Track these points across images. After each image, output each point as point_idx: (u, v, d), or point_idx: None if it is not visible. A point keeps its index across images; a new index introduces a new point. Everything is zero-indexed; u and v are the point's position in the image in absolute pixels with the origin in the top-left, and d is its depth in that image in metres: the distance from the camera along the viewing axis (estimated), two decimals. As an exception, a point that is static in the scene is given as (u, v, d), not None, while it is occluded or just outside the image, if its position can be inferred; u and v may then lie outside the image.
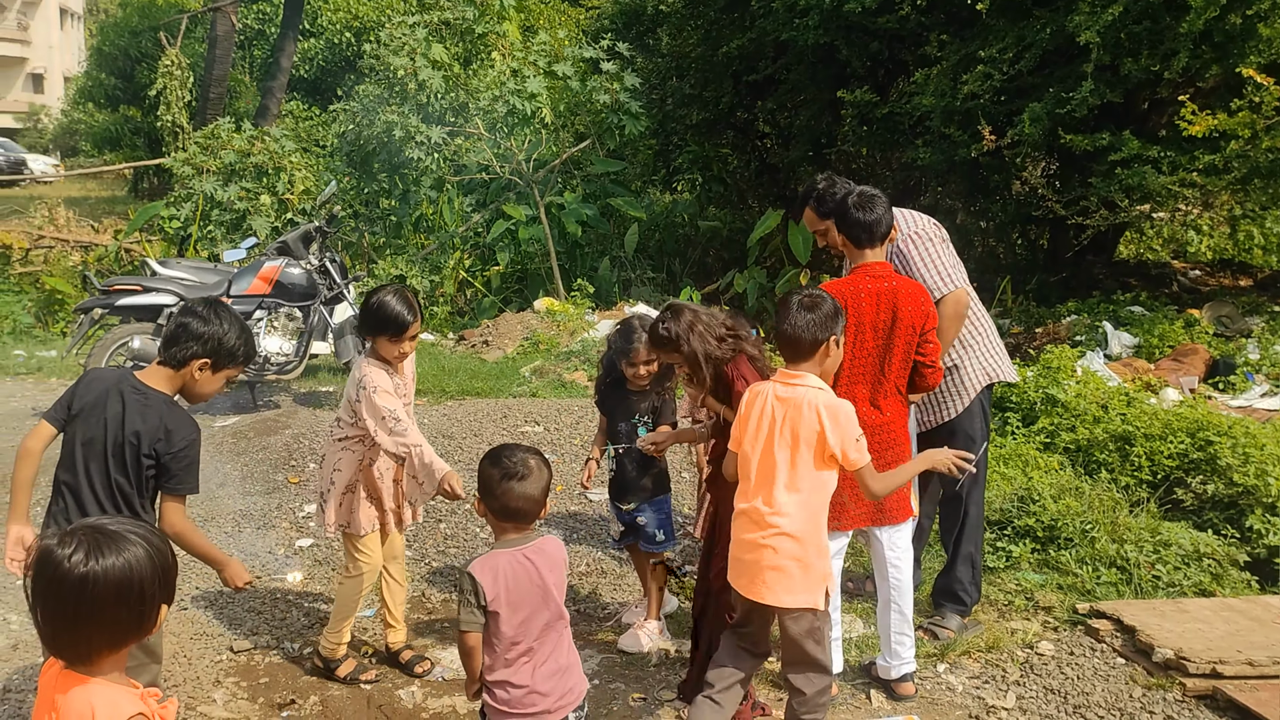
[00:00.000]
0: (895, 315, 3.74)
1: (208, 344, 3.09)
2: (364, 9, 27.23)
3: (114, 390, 3.07)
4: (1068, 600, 4.65)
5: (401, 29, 11.78)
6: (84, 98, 31.59)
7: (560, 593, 2.85)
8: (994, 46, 9.24)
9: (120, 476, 3.04)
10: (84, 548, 1.80)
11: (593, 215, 12.61)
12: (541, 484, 2.83)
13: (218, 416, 7.75)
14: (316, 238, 8.26)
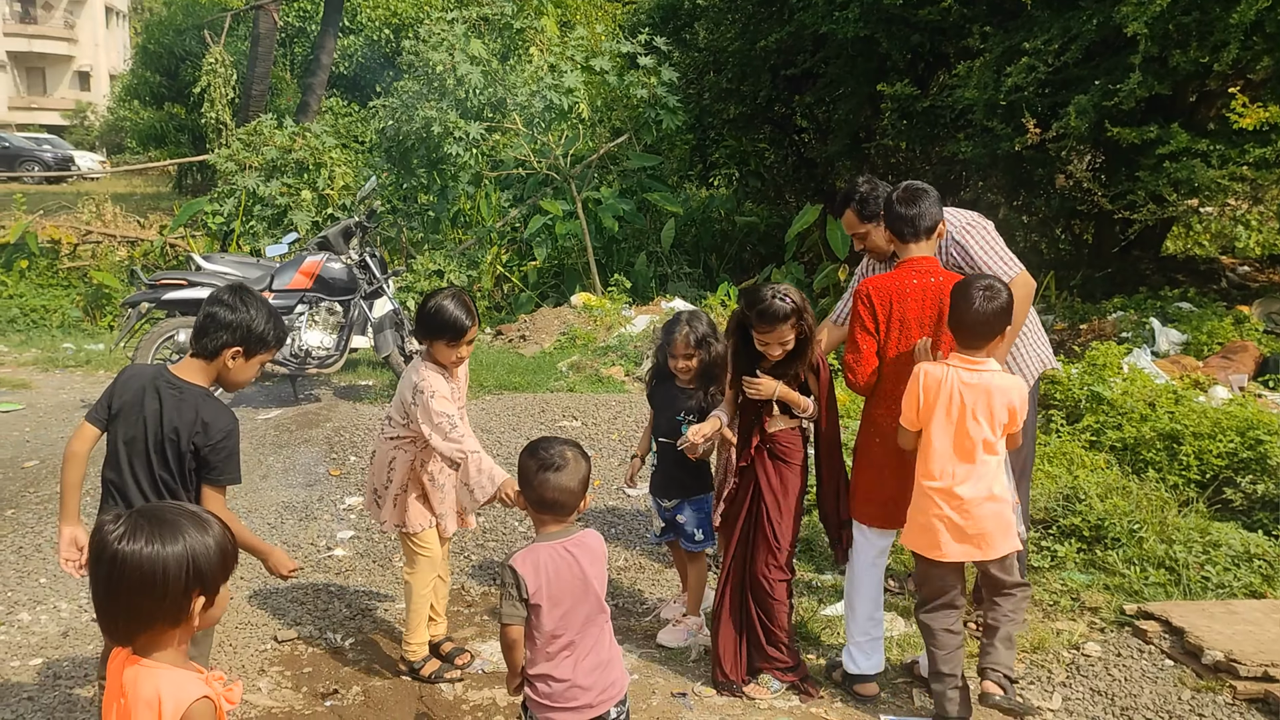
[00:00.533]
0: (941, 311, 3.68)
1: (237, 332, 3.11)
2: (403, 6, 27.36)
3: (150, 387, 3.09)
4: (1115, 601, 4.58)
5: (440, 25, 11.82)
6: (129, 95, 32.01)
7: (601, 586, 2.85)
8: (1039, 38, 9.10)
9: (164, 472, 3.08)
10: (125, 528, 1.87)
11: (629, 210, 12.60)
12: (579, 476, 2.83)
13: (260, 409, 7.83)
14: (356, 233, 8.31)
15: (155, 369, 3.20)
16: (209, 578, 1.92)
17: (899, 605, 4.64)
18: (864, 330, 3.72)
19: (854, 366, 3.75)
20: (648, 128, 11.71)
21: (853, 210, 4.28)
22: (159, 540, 1.87)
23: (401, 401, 3.97)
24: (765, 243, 14.32)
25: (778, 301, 3.65)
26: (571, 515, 2.86)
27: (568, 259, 12.64)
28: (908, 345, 3.71)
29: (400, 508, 4.04)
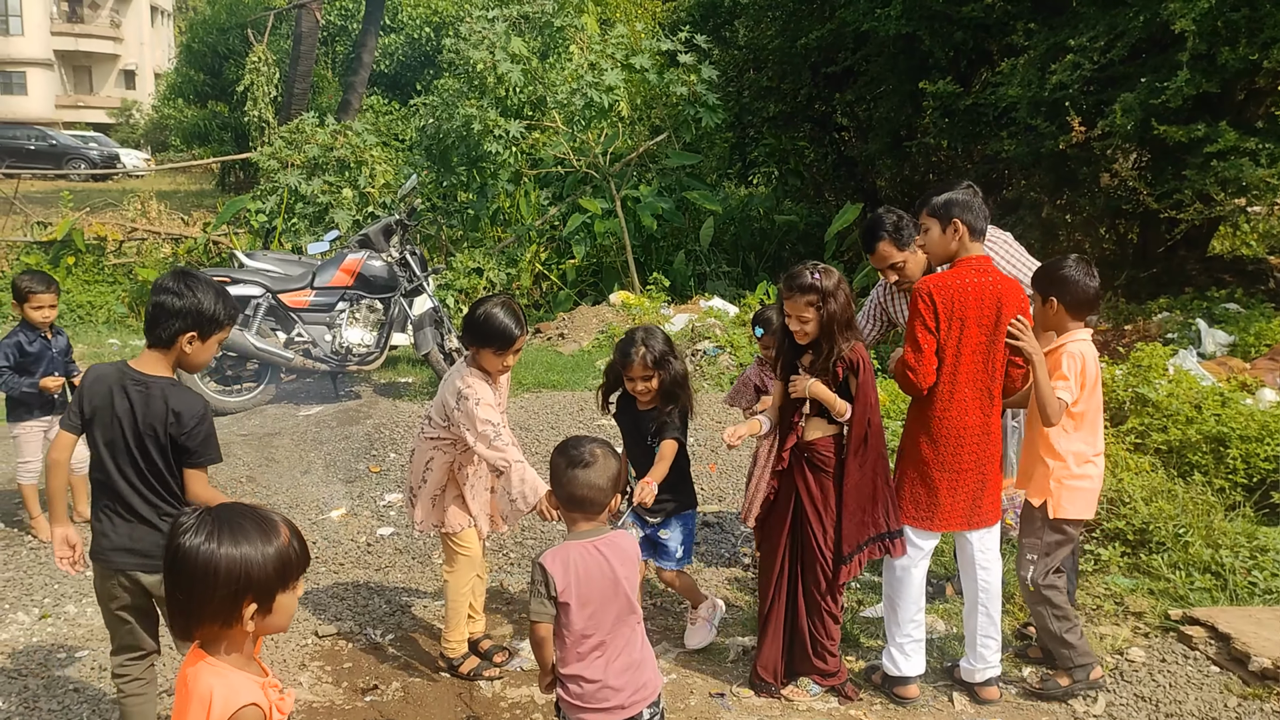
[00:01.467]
0: (1000, 311, 3.66)
1: (188, 317, 3.13)
2: (443, 4, 27.53)
3: (117, 387, 3.14)
4: (1159, 606, 4.51)
5: (481, 23, 11.87)
6: (174, 94, 32.48)
7: (632, 586, 2.84)
8: (1084, 35, 9.00)
9: (148, 465, 3.15)
10: (194, 523, 1.93)
11: (668, 209, 12.58)
12: (608, 473, 2.82)
13: (301, 406, 7.91)
14: (397, 231, 8.37)
15: (118, 367, 3.21)
16: (262, 586, 1.93)
17: (939, 608, 4.60)
18: (925, 329, 3.67)
19: (915, 366, 3.68)
20: (687, 126, 11.70)
21: (889, 241, 4.25)
22: (217, 540, 1.90)
23: (443, 404, 3.96)
24: (805, 241, 14.24)
25: (806, 273, 3.65)
26: (602, 514, 2.86)
27: (606, 257, 12.65)
28: (969, 348, 3.68)
29: (439, 508, 4.06)
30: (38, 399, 5.39)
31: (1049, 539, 3.88)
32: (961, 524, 3.81)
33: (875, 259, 4.37)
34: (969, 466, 3.73)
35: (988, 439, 3.76)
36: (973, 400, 3.72)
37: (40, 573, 4.95)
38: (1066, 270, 3.81)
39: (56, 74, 49.06)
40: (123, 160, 33.33)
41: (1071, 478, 3.83)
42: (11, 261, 13.39)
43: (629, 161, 12.44)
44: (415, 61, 27.55)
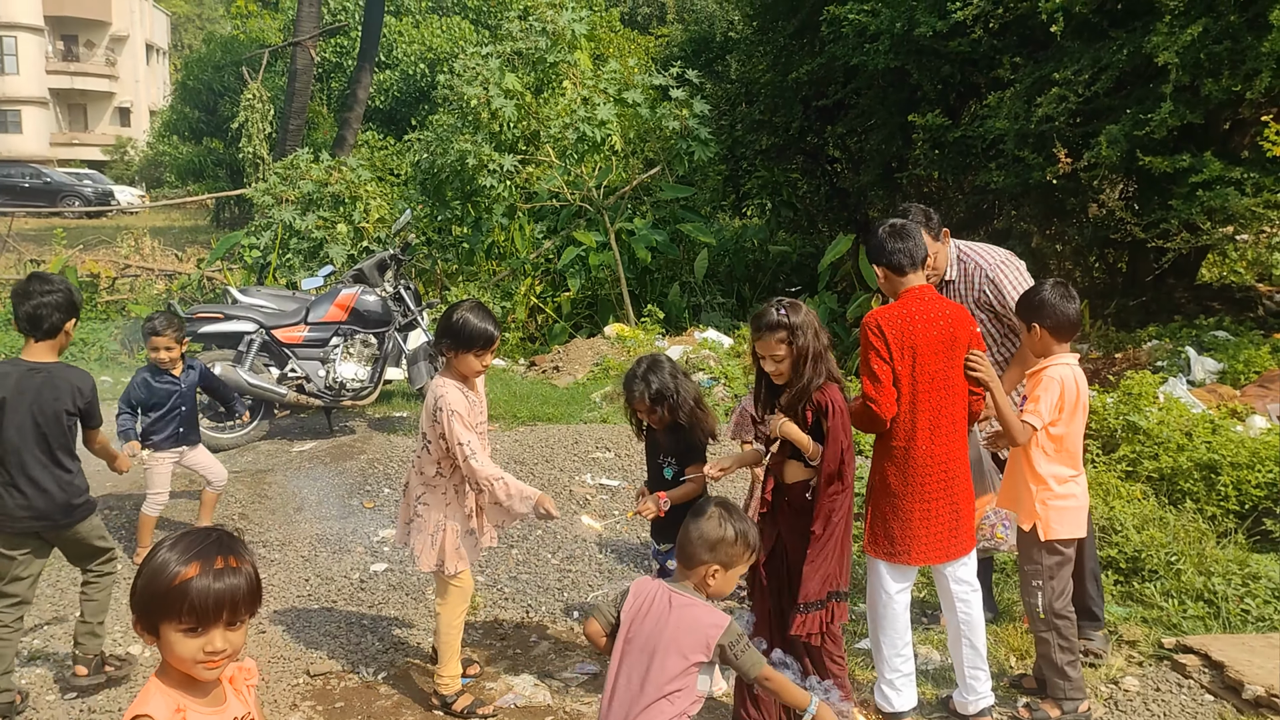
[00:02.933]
0: (954, 336, 3.69)
1: (64, 307, 3.85)
2: (437, 40, 27.76)
3: (20, 379, 3.80)
4: (1153, 634, 4.52)
5: (475, 59, 11.99)
6: (169, 130, 32.67)
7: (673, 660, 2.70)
8: (1069, 68, 9.12)
9: (52, 437, 3.83)
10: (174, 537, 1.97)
11: (663, 241, 12.66)
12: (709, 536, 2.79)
13: (295, 442, 7.91)
14: (391, 265, 8.41)
15: (13, 363, 3.86)
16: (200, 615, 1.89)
17: (932, 638, 4.60)
18: (880, 359, 3.66)
19: (876, 397, 3.64)
20: (680, 159, 11.79)
21: (925, 232, 4.20)
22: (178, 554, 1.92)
23: (429, 415, 3.98)
24: (799, 272, 14.32)
25: (772, 311, 3.56)
26: (694, 571, 2.79)
27: (601, 290, 12.70)
28: (922, 374, 3.68)
29: (438, 548, 4.04)
30: (168, 432, 5.61)
31: (1048, 561, 3.91)
32: (939, 556, 3.79)
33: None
34: (938, 495, 3.73)
35: (953, 466, 3.75)
36: (934, 428, 3.71)
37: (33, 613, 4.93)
38: (1045, 295, 3.88)
39: (51, 112, 49.34)
40: (117, 197, 33.45)
41: (1056, 498, 3.90)
42: (4, 300, 13.42)
43: (623, 195, 12.52)
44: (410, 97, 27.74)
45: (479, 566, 5.46)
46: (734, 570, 2.80)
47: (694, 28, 21.97)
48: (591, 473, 6.77)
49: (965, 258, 4.51)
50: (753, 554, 2.85)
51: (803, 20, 14.03)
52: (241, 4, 34.60)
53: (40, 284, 3.82)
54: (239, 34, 33.18)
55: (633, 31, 32.95)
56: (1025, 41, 10.20)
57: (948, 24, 10.03)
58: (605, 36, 30.93)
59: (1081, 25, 9.28)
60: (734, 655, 2.70)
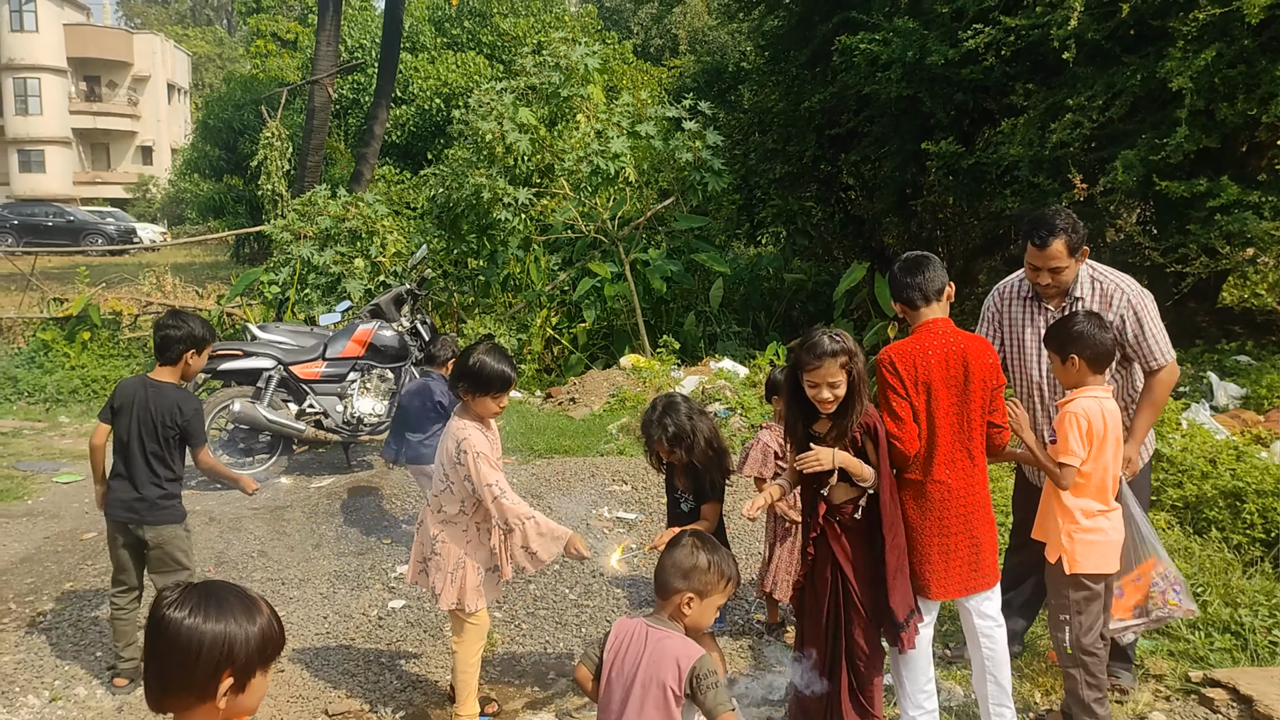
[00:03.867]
0: (967, 370, 3.65)
1: (187, 341, 4.51)
2: (453, 76, 28.01)
3: (139, 390, 4.50)
4: (1179, 668, 4.45)
5: (489, 94, 12.07)
6: (190, 168, 33.01)
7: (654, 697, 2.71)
8: (1083, 94, 9.10)
9: (153, 443, 4.48)
10: (179, 596, 1.94)
11: (677, 271, 12.67)
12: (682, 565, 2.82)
13: (314, 477, 7.92)
14: (408, 300, 8.46)
15: (141, 378, 4.58)
16: (243, 662, 1.93)
17: (956, 675, 4.54)
18: (897, 396, 3.65)
19: (899, 433, 3.63)
20: (693, 190, 11.82)
21: (1064, 240, 4.04)
22: (203, 614, 1.91)
23: (450, 459, 3.98)
24: (814, 300, 14.30)
25: (825, 339, 3.54)
26: (669, 600, 2.80)
27: (617, 320, 12.71)
28: (938, 408, 3.65)
29: (458, 586, 4.03)
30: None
31: (1075, 596, 3.82)
32: (959, 590, 3.75)
33: (1040, 255, 4.08)
34: (957, 529, 3.69)
35: (972, 499, 3.72)
36: (950, 462, 3.69)
37: (51, 654, 4.94)
38: (1080, 326, 3.79)
39: (75, 151, 49.99)
40: (139, 235, 33.81)
41: (1083, 531, 3.80)
42: (28, 338, 13.54)
43: (637, 226, 12.56)
44: (426, 131, 27.97)
45: (496, 603, 5.43)
46: (710, 600, 2.80)
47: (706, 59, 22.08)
48: (609, 506, 6.75)
49: (1101, 277, 4.21)
50: (729, 584, 2.83)
51: (814, 50, 14.10)
52: (261, 44, 35.10)
53: (172, 319, 4.55)
54: (258, 73, 33.60)
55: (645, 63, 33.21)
56: (1038, 68, 10.20)
57: (959, 52, 10.04)
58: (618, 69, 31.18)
59: (1094, 51, 9.27)
60: (701, 689, 2.67)
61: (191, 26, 63.97)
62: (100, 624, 5.22)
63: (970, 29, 9.79)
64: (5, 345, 13.50)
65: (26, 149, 47.90)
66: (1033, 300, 4.30)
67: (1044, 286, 4.21)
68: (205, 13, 67.69)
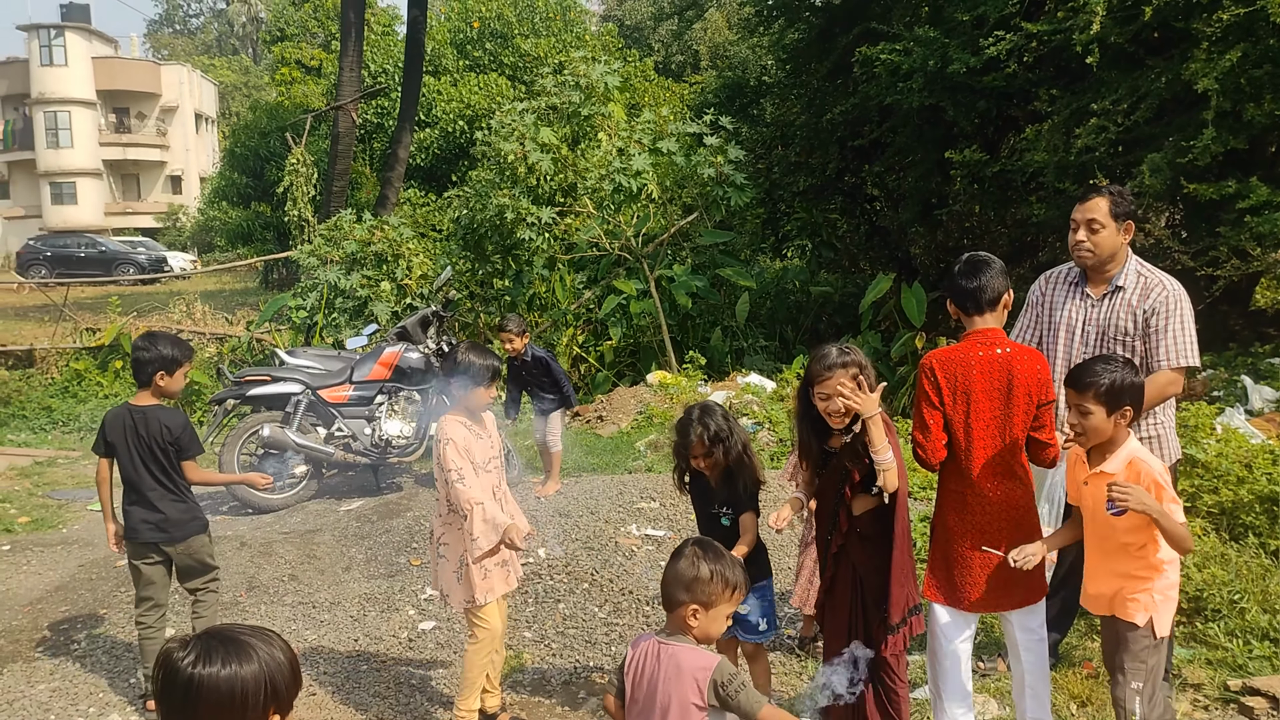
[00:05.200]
0: (1011, 382, 3.55)
1: (156, 363, 4.57)
2: (476, 98, 28.23)
3: (126, 420, 4.59)
4: (1218, 676, 4.37)
5: (511, 115, 12.14)
6: (218, 197, 33.43)
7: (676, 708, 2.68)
8: (1107, 98, 9.04)
9: (155, 466, 4.59)
10: (197, 652, 1.88)
11: (703, 286, 12.66)
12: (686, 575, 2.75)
13: (343, 500, 7.95)
14: (434, 322, 8.49)
15: (124, 407, 4.66)
16: (284, 693, 1.93)
17: (991, 687, 4.48)
18: (929, 405, 3.58)
19: (923, 443, 3.59)
20: (716, 205, 11.82)
21: (1108, 200, 4.01)
22: (235, 661, 1.88)
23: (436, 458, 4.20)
24: (841, 312, 14.25)
25: (834, 351, 3.54)
26: (675, 614, 2.75)
27: (643, 337, 12.71)
28: (977, 419, 3.57)
29: (466, 582, 4.19)
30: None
31: (1154, 661, 3.49)
32: (998, 604, 3.68)
33: (1081, 208, 4.12)
34: (997, 542, 3.60)
35: (1015, 513, 3.63)
36: (993, 474, 3.60)
37: (85, 682, 4.97)
38: (1130, 377, 3.39)
39: (105, 182, 50.69)
40: (170, 263, 34.22)
41: (1170, 587, 3.50)
42: (62, 368, 13.72)
43: (661, 242, 12.57)
44: (450, 153, 28.18)
45: (526, 622, 5.43)
46: (716, 610, 2.75)
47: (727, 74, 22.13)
48: (637, 523, 6.72)
49: (1148, 273, 4.16)
50: (735, 592, 2.78)
51: (835, 62, 14.09)
52: (285, 71, 35.50)
53: (142, 342, 4.64)
54: (283, 100, 33.98)
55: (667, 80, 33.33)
56: (1062, 73, 10.14)
57: (981, 60, 10.00)
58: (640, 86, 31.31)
59: (1118, 55, 9.21)
60: (729, 695, 2.65)
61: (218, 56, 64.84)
62: (134, 650, 5.25)
63: (992, 36, 9.75)
64: (40, 375, 13.69)
65: (58, 181, 48.62)
66: (1076, 285, 4.29)
67: (1078, 244, 4.12)
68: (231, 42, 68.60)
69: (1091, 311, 4.23)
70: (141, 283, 29.59)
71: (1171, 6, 8.50)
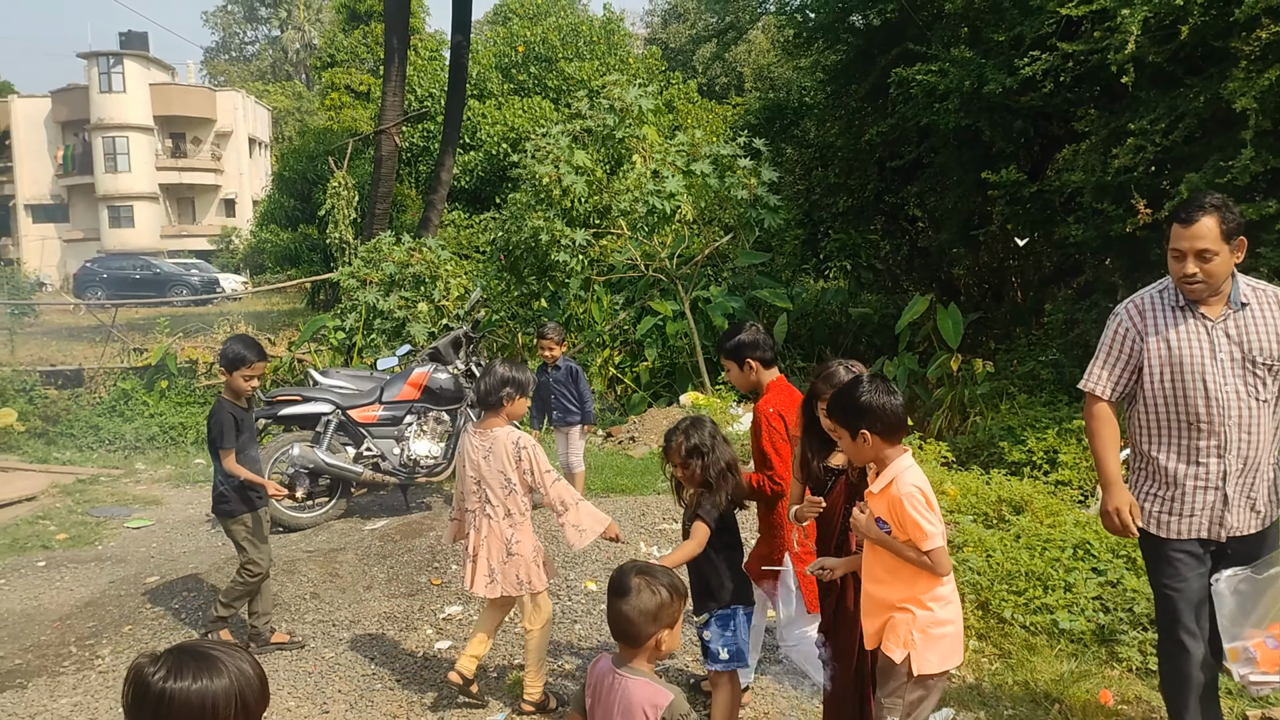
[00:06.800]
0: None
1: (220, 359, 5.40)
2: (519, 120, 28.49)
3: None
4: (1237, 706, 4.24)
5: (546, 139, 12.23)
6: (267, 219, 33.94)
7: None
8: (1145, 118, 8.90)
9: (209, 450, 5.45)
10: (168, 666, 1.89)
11: (740, 307, 12.63)
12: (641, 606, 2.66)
13: (369, 520, 8.00)
14: (464, 343, 8.55)
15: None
16: (254, 707, 1.93)
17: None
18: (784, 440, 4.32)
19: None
20: (750, 227, 11.82)
21: (1216, 218, 3.50)
22: (206, 675, 1.89)
23: (508, 463, 4.50)
24: (880, 334, 14.14)
25: (840, 369, 3.69)
26: (641, 645, 2.68)
27: (679, 359, 12.70)
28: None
29: (540, 566, 4.61)
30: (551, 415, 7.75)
31: (912, 696, 3.28)
32: None
33: (1186, 234, 3.52)
34: None
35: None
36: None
37: (107, 697, 5.03)
38: (867, 396, 3.23)
39: (161, 206, 51.78)
40: (222, 285, 34.84)
41: (935, 625, 3.25)
42: (109, 387, 13.97)
43: (696, 264, 12.57)
44: (493, 176, 28.45)
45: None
46: (678, 624, 2.73)
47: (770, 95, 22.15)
48: (658, 545, 6.69)
49: (1262, 286, 3.69)
50: (684, 598, 2.78)
51: (874, 83, 14.05)
52: (335, 96, 36.11)
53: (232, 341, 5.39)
54: (332, 124, 34.54)
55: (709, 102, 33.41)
56: (1101, 92, 10.01)
57: (1017, 80, 9.91)
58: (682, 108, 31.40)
59: (1155, 74, 9.06)
60: None
61: (271, 82, 66.11)
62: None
63: (1028, 56, 9.66)
64: (88, 395, 13.95)
65: (116, 204, 49.77)
66: (1183, 308, 3.66)
67: (1188, 278, 3.55)
68: (284, 68, 69.92)
69: (1218, 334, 3.61)
70: (194, 304, 30.15)
71: (1209, 25, 8.36)
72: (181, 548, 7.76)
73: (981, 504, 6.64)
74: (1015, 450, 8.31)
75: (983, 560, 5.64)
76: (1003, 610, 5.22)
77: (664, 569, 2.78)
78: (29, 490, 9.60)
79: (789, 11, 16.63)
